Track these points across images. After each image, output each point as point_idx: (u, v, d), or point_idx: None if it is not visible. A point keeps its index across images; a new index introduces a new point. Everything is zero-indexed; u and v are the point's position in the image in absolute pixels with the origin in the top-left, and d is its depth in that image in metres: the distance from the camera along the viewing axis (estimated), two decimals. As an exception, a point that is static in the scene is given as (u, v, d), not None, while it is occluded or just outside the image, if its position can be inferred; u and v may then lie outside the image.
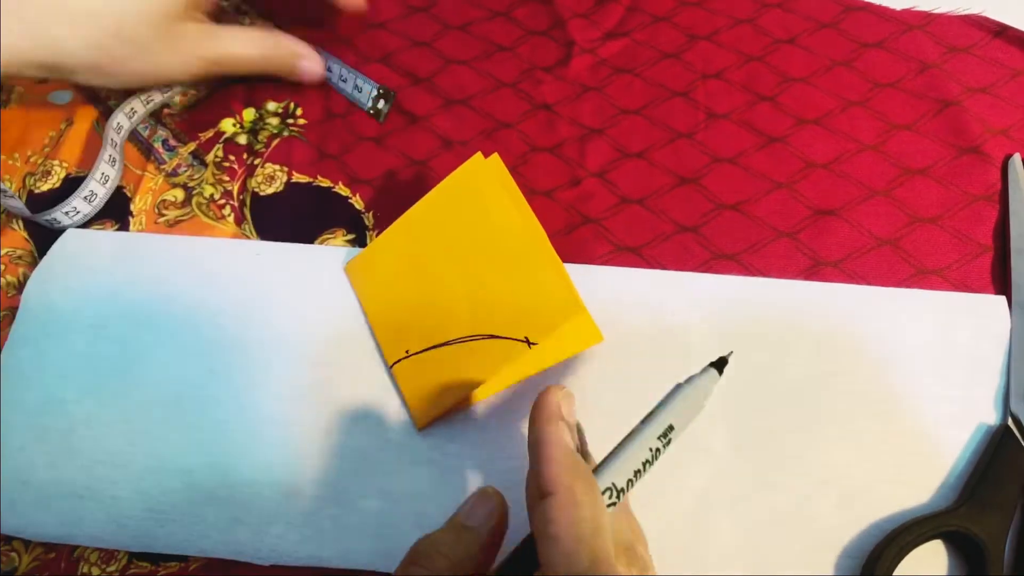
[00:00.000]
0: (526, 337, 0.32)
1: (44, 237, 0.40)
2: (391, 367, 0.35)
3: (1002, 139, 0.40)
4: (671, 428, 0.26)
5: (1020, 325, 0.35)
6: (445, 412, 0.34)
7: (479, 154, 0.35)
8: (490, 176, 0.35)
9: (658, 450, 0.26)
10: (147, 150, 0.43)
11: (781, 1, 0.46)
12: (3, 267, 0.39)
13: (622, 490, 0.24)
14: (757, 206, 0.39)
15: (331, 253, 0.39)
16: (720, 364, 0.28)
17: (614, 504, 0.24)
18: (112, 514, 0.33)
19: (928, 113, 0.41)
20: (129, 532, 0.32)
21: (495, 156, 0.35)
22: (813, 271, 0.37)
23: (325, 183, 0.42)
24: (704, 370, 0.28)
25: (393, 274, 0.36)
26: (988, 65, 0.43)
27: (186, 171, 0.42)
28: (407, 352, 0.35)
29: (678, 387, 0.27)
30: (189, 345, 0.36)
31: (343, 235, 0.40)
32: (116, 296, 0.37)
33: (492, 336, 0.33)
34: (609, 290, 0.37)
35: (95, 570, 0.32)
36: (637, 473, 0.25)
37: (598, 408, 0.34)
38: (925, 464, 0.32)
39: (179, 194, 0.42)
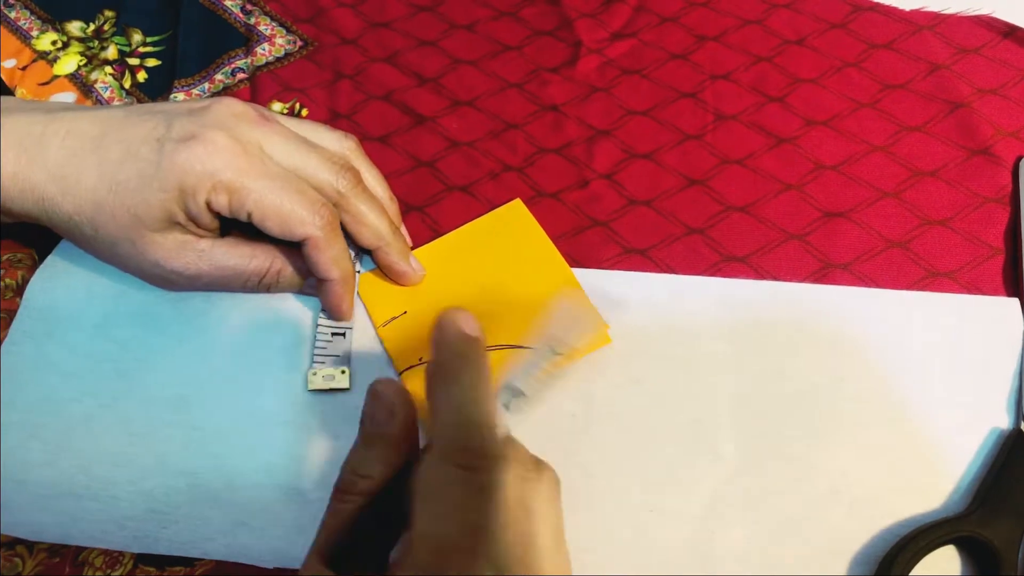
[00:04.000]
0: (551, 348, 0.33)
1: (44, 241, 0.40)
2: (400, 374, 0.35)
3: (1012, 141, 0.40)
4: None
5: (1033, 329, 0.35)
6: None
7: (517, 201, 0.39)
8: (517, 218, 0.38)
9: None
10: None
11: (790, 1, 0.46)
12: (2, 270, 0.39)
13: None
14: (766, 208, 0.39)
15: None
16: None
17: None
18: (112, 514, 0.32)
19: (938, 115, 0.41)
20: (130, 532, 0.32)
21: (518, 202, 0.39)
22: (823, 273, 0.37)
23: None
24: None
25: (413, 290, 0.37)
26: (998, 66, 0.42)
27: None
28: (420, 359, 0.35)
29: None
30: (193, 346, 0.36)
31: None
32: (120, 297, 0.37)
33: (518, 347, 0.34)
34: (618, 294, 0.36)
35: (99, 574, 0.32)
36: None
37: (608, 411, 0.34)
38: (937, 469, 0.32)
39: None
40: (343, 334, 0.36)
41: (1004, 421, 0.33)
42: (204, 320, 0.36)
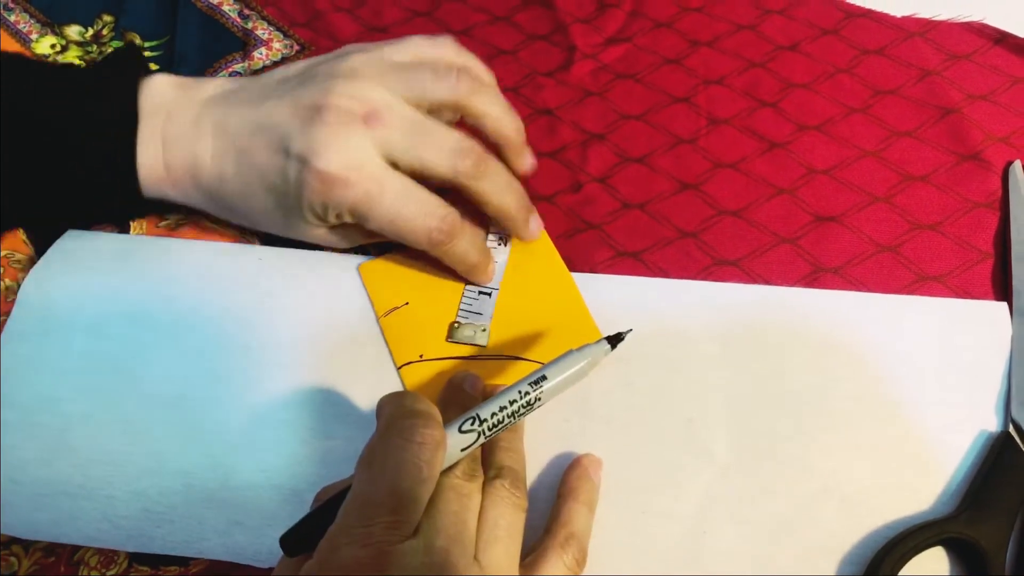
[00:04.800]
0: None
1: (44, 241, 0.40)
2: (399, 368, 0.35)
3: (1002, 146, 0.40)
4: (544, 378, 0.29)
5: (1021, 332, 0.35)
6: None
7: (543, 234, 0.39)
8: (537, 243, 0.38)
9: (527, 393, 0.29)
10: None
11: (783, 8, 0.46)
12: (2, 270, 0.39)
13: (485, 420, 0.28)
14: (758, 212, 0.39)
15: (331, 259, 0.38)
16: (615, 339, 0.31)
17: (473, 431, 0.28)
18: (107, 514, 0.33)
19: (929, 120, 0.41)
20: (124, 532, 0.32)
21: (544, 234, 0.39)
22: (814, 277, 0.37)
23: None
24: (598, 341, 0.31)
25: (419, 283, 0.37)
26: (988, 72, 0.43)
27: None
28: (420, 356, 0.35)
29: (569, 352, 0.30)
30: (190, 346, 0.36)
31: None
32: (116, 296, 0.37)
33: (516, 358, 0.35)
34: (611, 298, 0.37)
35: (94, 574, 0.32)
36: (502, 408, 0.28)
37: (600, 415, 0.34)
38: (926, 471, 0.32)
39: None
40: (489, 294, 0.37)
41: (992, 423, 0.33)
42: (200, 319, 0.37)
